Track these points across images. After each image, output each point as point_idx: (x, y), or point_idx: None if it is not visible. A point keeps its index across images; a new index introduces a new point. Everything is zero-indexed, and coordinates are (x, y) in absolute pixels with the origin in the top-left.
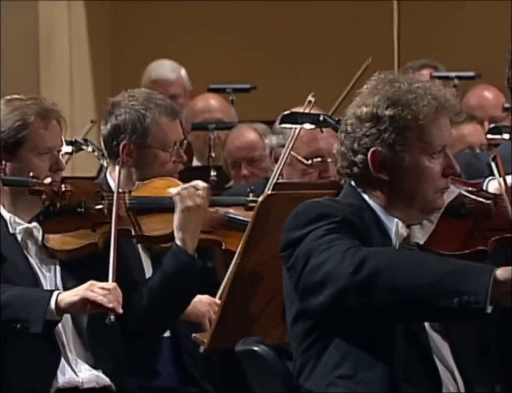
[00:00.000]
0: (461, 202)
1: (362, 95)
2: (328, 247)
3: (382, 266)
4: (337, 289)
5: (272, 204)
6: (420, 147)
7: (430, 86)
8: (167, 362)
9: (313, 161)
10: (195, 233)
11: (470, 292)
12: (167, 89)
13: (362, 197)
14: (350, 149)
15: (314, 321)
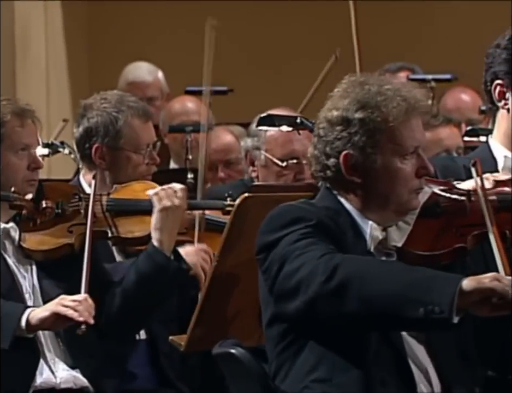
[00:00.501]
0: (436, 202)
1: (333, 98)
2: (302, 253)
3: (352, 274)
4: (310, 296)
5: (249, 206)
6: (391, 149)
7: (400, 88)
8: (144, 364)
9: (288, 163)
10: (172, 234)
11: (434, 303)
12: (144, 92)
13: (337, 200)
14: (322, 153)
15: (289, 324)
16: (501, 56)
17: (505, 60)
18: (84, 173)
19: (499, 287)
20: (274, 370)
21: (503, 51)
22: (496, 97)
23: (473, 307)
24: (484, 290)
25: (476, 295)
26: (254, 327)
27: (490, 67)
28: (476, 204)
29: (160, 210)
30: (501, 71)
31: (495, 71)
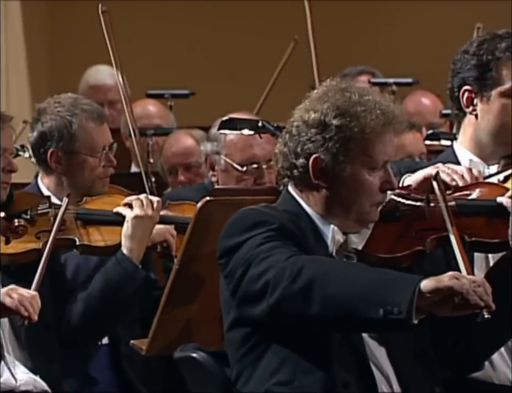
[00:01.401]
0: (395, 205)
1: (311, 99)
2: (267, 256)
3: (317, 276)
4: (276, 298)
5: (211, 210)
6: (362, 160)
7: (380, 100)
8: (105, 368)
9: (248, 168)
10: (141, 243)
11: (394, 303)
12: (105, 95)
13: (299, 204)
14: (292, 152)
15: (251, 328)
16: (471, 62)
17: (474, 66)
18: (42, 177)
19: (458, 285)
20: (235, 374)
21: (472, 57)
22: (464, 103)
23: (434, 307)
24: (443, 289)
25: (436, 294)
26: (216, 331)
27: (458, 73)
28: (435, 208)
29: (133, 218)
30: (470, 77)
31: (463, 77)
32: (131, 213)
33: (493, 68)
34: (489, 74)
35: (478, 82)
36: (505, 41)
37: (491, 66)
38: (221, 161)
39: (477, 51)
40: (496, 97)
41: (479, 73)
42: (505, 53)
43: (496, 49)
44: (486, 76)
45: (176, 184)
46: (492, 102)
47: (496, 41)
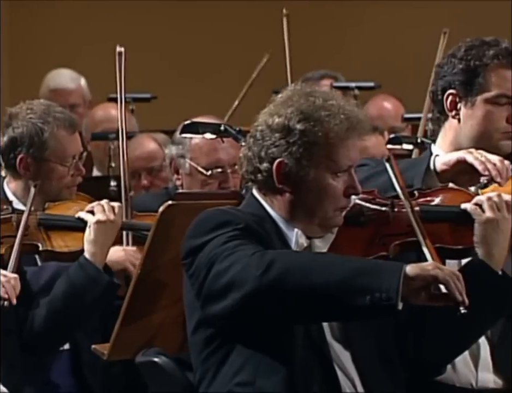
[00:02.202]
0: (360, 210)
1: (275, 103)
2: (232, 252)
3: (291, 266)
4: (245, 292)
5: (173, 214)
6: (326, 165)
7: (344, 105)
8: (66, 374)
9: (212, 172)
10: (104, 248)
11: (382, 290)
12: (66, 99)
13: (263, 208)
14: (256, 156)
15: (215, 329)
16: (458, 66)
17: (461, 71)
18: (8, 182)
19: (441, 275)
20: (199, 377)
21: (460, 61)
22: (447, 107)
23: (412, 294)
24: (427, 277)
25: (419, 281)
26: (178, 336)
27: (444, 76)
28: (399, 214)
29: (95, 223)
30: (456, 81)
31: (449, 80)
32: (93, 218)
33: (481, 74)
34: (476, 80)
35: (464, 87)
36: (493, 49)
37: (478, 72)
38: (186, 165)
39: (465, 56)
40: (481, 103)
41: (466, 78)
42: (493, 61)
43: (484, 56)
44: (472, 81)
45: (138, 188)
46: (476, 108)
47: (485, 47)
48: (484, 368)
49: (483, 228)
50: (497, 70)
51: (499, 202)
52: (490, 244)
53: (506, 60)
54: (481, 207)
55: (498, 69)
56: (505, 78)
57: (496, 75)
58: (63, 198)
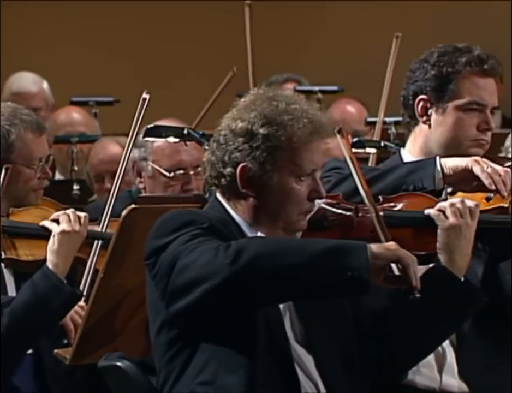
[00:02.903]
0: (324, 215)
1: (238, 108)
2: (197, 246)
3: (260, 251)
4: (215, 283)
5: (136, 218)
6: (290, 169)
7: (308, 109)
8: (28, 379)
9: (175, 173)
10: (67, 258)
11: (353, 268)
12: (29, 102)
13: (226, 211)
14: (220, 161)
15: (179, 330)
16: (430, 72)
17: (433, 77)
18: None
19: (404, 256)
20: (162, 380)
21: (433, 67)
22: (418, 112)
23: (374, 274)
24: (391, 256)
25: (383, 260)
26: (141, 340)
27: (416, 81)
28: (364, 219)
29: (59, 233)
30: (427, 87)
31: (420, 86)
32: (58, 228)
33: (453, 81)
34: (447, 86)
35: (436, 93)
36: (466, 56)
37: (451, 78)
38: (148, 168)
39: (438, 62)
40: (452, 110)
41: (438, 84)
42: (465, 68)
43: (457, 63)
44: (444, 88)
45: (102, 191)
46: (447, 114)
47: (457, 54)
48: (448, 373)
49: (446, 235)
50: (469, 77)
51: (462, 209)
52: (453, 250)
53: (478, 68)
54: (445, 213)
55: (470, 76)
56: (477, 85)
57: (468, 82)
58: (30, 202)
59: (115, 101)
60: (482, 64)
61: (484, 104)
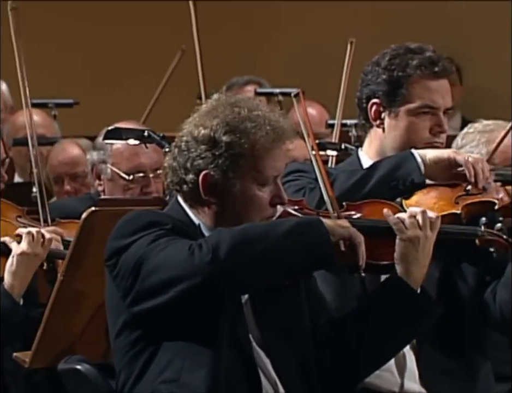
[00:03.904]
0: None
1: (200, 113)
2: (166, 246)
3: (236, 243)
4: (195, 282)
5: (96, 220)
6: (252, 176)
7: (270, 115)
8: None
9: (134, 176)
10: (24, 280)
11: (319, 243)
12: None
13: (187, 214)
14: (182, 167)
15: (141, 330)
16: (381, 76)
17: (385, 81)
18: None
19: (356, 233)
20: (123, 380)
21: (384, 71)
22: (371, 116)
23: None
24: (344, 233)
25: (336, 236)
26: (101, 343)
27: (368, 85)
28: None
29: (19, 254)
30: (379, 91)
31: (373, 90)
32: (18, 248)
33: (403, 85)
34: (399, 91)
35: (388, 98)
36: (417, 58)
37: (401, 82)
38: (107, 170)
39: (389, 66)
40: (404, 115)
41: (389, 88)
42: (416, 71)
43: (408, 66)
44: (395, 92)
45: (61, 193)
46: (400, 118)
47: (409, 56)
48: (410, 378)
49: (404, 246)
50: (420, 81)
51: (422, 220)
52: (410, 262)
53: (429, 70)
54: (404, 224)
55: (421, 80)
56: (428, 89)
57: (419, 86)
58: None
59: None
60: (433, 66)
61: (437, 107)
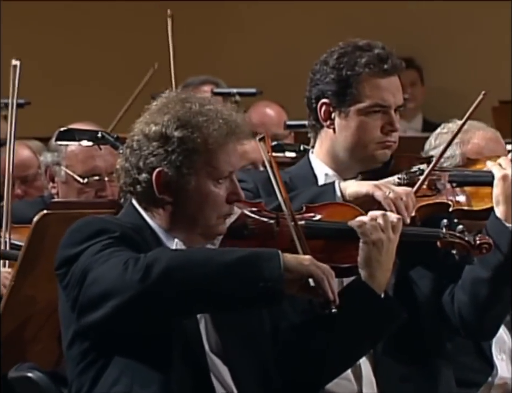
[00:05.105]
0: (243, 223)
1: (151, 112)
2: (107, 259)
3: (171, 265)
4: (124, 299)
5: (48, 223)
6: (207, 172)
7: (222, 110)
8: None
9: (89, 179)
10: None
11: (266, 279)
12: None
13: (142, 217)
14: (134, 167)
15: (91, 341)
16: (330, 76)
17: (333, 81)
18: None
19: (316, 272)
20: (74, 391)
21: (332, 70)
22: (321, 116)
23: (290, 284)
24: (303, 271)
25: (295, 274)
26: (53, 350)
27: (317, 85)
28: (285, 228)
29: None
30: (328, 91)
31: (321, 89)
32: None
33: (353, 84)
34: (348, 90)
35: (337, 97)
36: (366, 55)
37: (350, 82)
38: (61, 173)
39: (337, 65)
40: (354, 114)
41: (338, 88)
42: (364, 69)
43: (356, 64)
44: (345, 92)
45: (12, 197)
46: (350, 118)
47: (357, 54)
48: (367, 385)
49: (368, 250)
50: (369, 80)
51: (384, 222)
52: (374, 265)
53: (379, 68)
54: (367, 226)
55: (370, 79)
56: (378, 87)
57: (369, 84)
58: None
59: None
60: (382, 64)
61: (387, 105)
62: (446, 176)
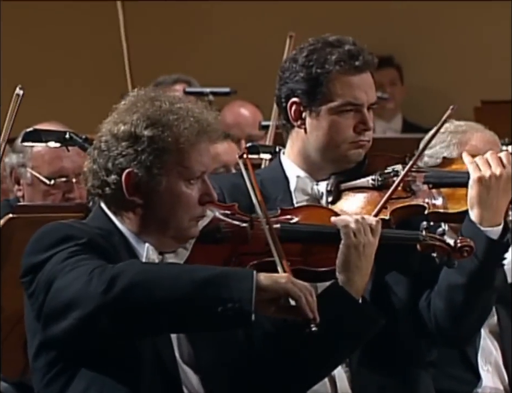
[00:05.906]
0: (216, 226)
1: (119, 111)
2: (73, 268)
3: (136, 280)
4: (86, 311)
5: (13, 228)
6: (178, 172)
7: (193, 108)
8: None
9: (56, 181)
10: None
11: (234, 300)
12: None
13: (111, 221)
14: (103, 168)
15: (57, 352)
16: (299, 74)
17: (303, 79)
18: None
19: (293, 290)
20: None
21: (301, 68)
22: (292, 116)
23: (262, 306)
24: (279, 290)
25: (270, 293)
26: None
27: (286, 83)
28: (259, 232)
29: None
30: (298, 90)
31: (291, 88)
32: None
33: (323, 83)
34: (318, 89)
35: (307, 96)
36: (336, 52)
37: (321, 80)
38: (27, 174)
39: (307, 62)
40: (326, 114)
41: (308, 87)
42: (335, 67)
43: (326, 62)
44: (315, 91)
45: None
46: (322, 118)
47: (327, 51)
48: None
49: (348, 253)
50: (340, 78)
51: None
52: (352, 269)
53: (349, 65)
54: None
55: (340, 77)
56: (349, 85)
57: (339, 83)
58: None
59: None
60: (353, 60)
61: (360, 103)
62: (422, 177)
